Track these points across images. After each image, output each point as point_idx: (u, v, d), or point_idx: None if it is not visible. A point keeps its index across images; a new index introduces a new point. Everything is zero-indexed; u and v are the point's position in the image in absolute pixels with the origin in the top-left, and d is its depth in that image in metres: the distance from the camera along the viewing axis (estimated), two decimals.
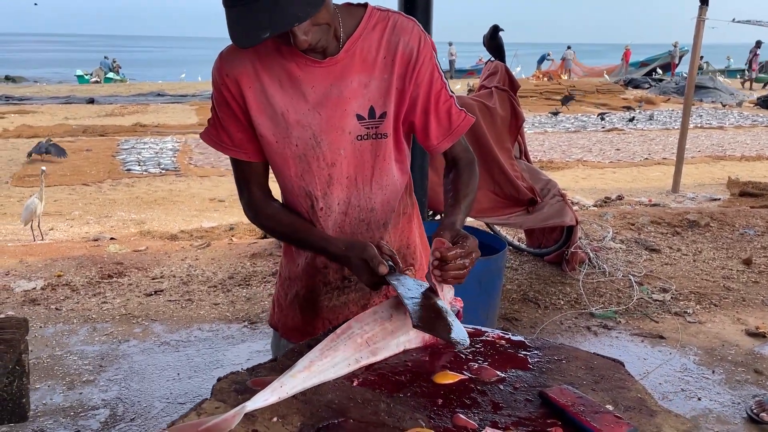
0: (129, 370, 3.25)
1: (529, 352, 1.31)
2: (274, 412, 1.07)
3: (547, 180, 4.49)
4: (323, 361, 1.19)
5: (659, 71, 27.59)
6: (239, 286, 4.31)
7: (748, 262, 4.82)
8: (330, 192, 1.48)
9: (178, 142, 11.80)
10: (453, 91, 1.51)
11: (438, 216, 4.24)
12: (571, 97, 10.52)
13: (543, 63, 28.42)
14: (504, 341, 1.35)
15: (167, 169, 9.59)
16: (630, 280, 4.38)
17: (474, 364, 1.24)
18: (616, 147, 11.82)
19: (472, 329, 1.41)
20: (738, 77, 28.01)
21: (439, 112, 1.47)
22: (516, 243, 5.04)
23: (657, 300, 4.14)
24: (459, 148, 1.54)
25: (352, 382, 1.17)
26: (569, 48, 28.02)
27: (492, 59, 4.58)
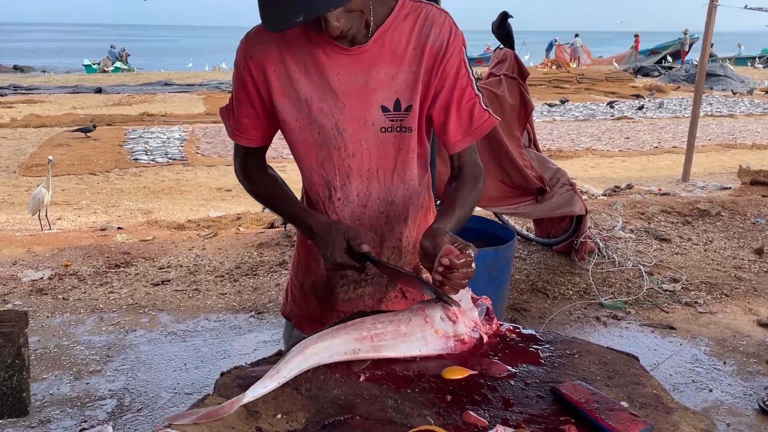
0: (136, 360, 3.25)
1: (541, 346, 1.28)
2: (278, 408, 1.05)
3: (557, 169, 4.43)
4: (318, 345, 1.18)
5: (669, 59, 27.31)
6: (246, 275, 4.29)
7: (759, 251, 4.76)
8: (349, 183, 1.45)
9: (185, 131, 11.78)
10: (480, 90, 1.45)
11: None
12: (566, 99, 10.40)
13: (551, 50, 28.16)
14: (515, 335, 1.32)
15: (174, 159, 9.58)
16: (640, 269, 4.33)
17: (484, 358, 1.21)
18: (625, 135, 11.71)
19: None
20: (748, 65, 27.70)
21: (461, 109, 1.43)
22: (524, 233, 4.99)
23: (667, 290, 4.09)
24: (468, 158, 1.48)
25: (358, 377, 1.14)
26: (577, 36, 27.77)
27: (501, 47, 4.52)
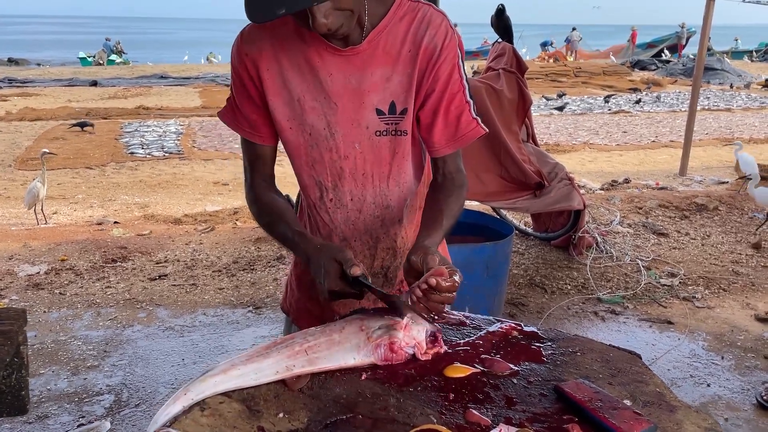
0: (133, 355, 3.24)
1: (543, 343, 1.27)
2: (280, 407, 1.04)
3: (555, 163, 4.43)
4: (247, 366, 1.12)
5: (666, 52, 27.29)
6: (244, 270, 4.28)
7: (757, 246, 4.76)
8: (341, 185, 1.44)
9: (181, 125, 11.73)
10: (472, 97, 1.42)
11: None
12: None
13: (546, 47, 28.12)
14: (516, 332, 1.31)
15: (171, 153, 9.53)
16: (638, 264, 4.33)
17: (486, 356, 1.21)
18: (622, 129, 11.70)
19: (483, 319, 1.37)
20: (745, 58, 27.69)
21: (449, 114, 1.39)
22: (523, 227, 4.99)
23: (665, 285, 4.10)
24: (453, 164, 1.44)
25: (360, 375, 1.14)
26: (574, 30, 27.73)
27: (499, 40, 4.50)
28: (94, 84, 17.90)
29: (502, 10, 4.47)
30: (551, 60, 23.03)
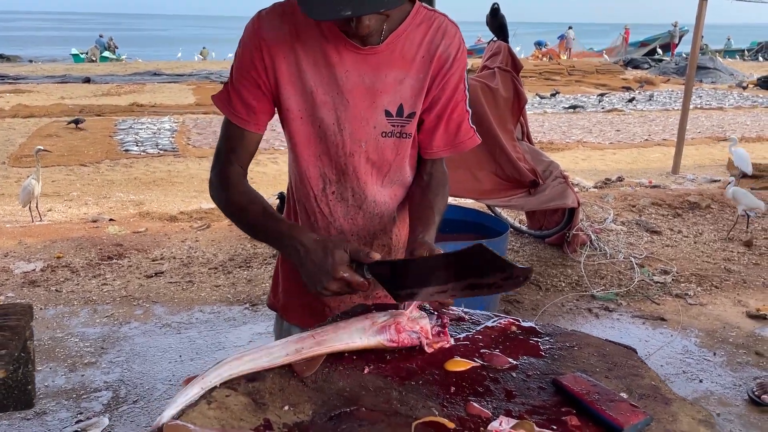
0: (131, 352, 3.25)
1: (541, 338, 1.30)
2: (285, 400, 1.06)
3: (549, 162, 4.46)
4: (258, 353, 1.15)
5: (659, 51, 27.39)
6: (240, 267, 4.30)
7: (748, 244, 4.81)
8: (344, 180, 1.46)
9: (175, 122, 11.70)
10: (470, 108, 1.51)
11: None
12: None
13: (539, 47, 28.16)
14: (515, 327, 1.34)
15: (165, 150, 9.51)
16: (631, 262, 4.37)
17: (486, 351, 1.23)
18: (616, 128, 11.75)
19: (482, 314, 1.40)
20: (737, 57, 27.83)
21: (451, 122, 1.47)
22: (517, 225, 5.02)
23: (658, 282, 4.14)
24: (440, 165, 1.54)
25: (362, 369, 1.16)
26: (570, 28, 27.79)
27: (495, 39, 4.52)
28: (87, 81, 17.80)
29: (497, 9, 4.49)
30: (545, 58, 23.07)
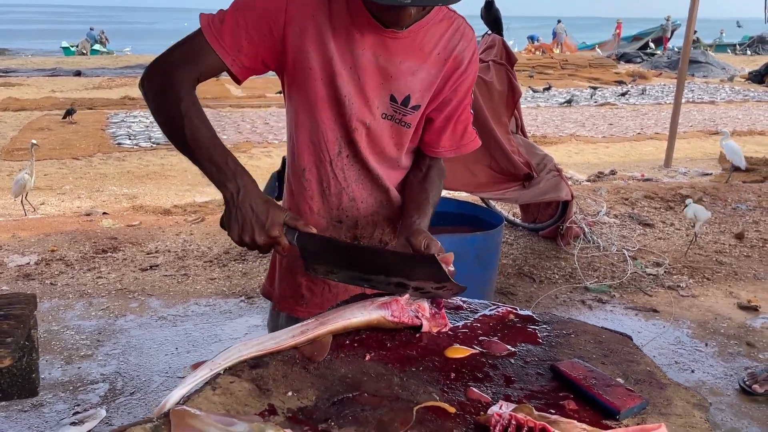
0: (127, 344, 3.26)
1: (538, 326, 1.32)
2: (288, 386, 1.08)
3: (544, 155, 4.48)
4: (264, 337, 1.19)
5: (652, 45, 27.46)
6: (235, 260, 4.30)
7: (740, 236, 4.86)
8: (353, 151, 1.49)
9: None
10: (472, 111, 1.57)
11: None
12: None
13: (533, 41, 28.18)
14: (513, 315, 1.36)
15: (158, 143, 9.47)
16: (624, 254, 4.41)
17: (485, 338, 1.25)
18: (608, 122, 11.79)
19: (480, 303, 1.42)
20: (728, 51, 27.93)
21: (459, 124, 1.53)
22: (511, 218, 5.05)
23: (651, 274, 4.18)
24: (440, 162, 1.60)
25: (364, 356, 1.18)
26: (560, 22, 27.80)
27: (489, 32, 4.53)
28: (77, 74, 17.69)
29: (491, 2, 4.51)
30: (538, 52, 23.10)
